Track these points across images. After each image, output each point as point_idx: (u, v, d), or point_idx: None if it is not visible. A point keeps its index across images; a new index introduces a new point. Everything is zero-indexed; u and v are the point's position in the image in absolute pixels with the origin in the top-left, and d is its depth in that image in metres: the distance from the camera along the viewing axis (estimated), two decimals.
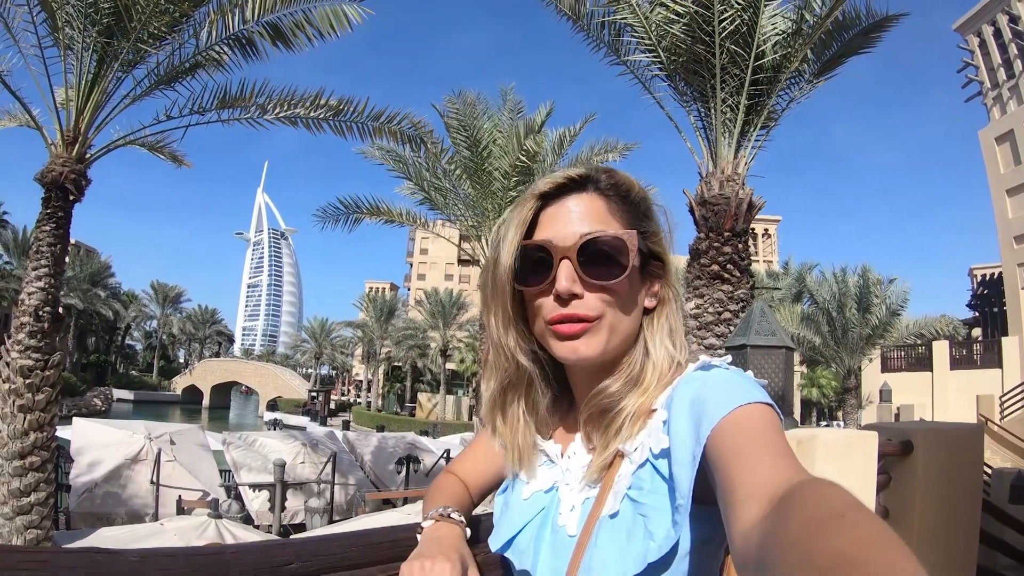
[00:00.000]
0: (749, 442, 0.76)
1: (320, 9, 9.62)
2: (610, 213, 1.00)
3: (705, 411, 0.83)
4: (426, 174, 15.62)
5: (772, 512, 0.62)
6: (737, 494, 0.71)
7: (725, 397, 0.83)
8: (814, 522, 0.53)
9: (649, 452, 0.92)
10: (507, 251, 1.00)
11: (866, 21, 9.77)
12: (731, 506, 0.71)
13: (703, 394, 0.86)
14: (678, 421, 0.87)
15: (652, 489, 0.90)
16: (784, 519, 0.58)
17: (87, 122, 9.30)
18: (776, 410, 0.83)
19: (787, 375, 6.37)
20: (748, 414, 0.80)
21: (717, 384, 0.87)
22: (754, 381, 0.87)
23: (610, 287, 0.97)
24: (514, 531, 1.06)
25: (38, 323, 8.90)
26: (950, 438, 3.43)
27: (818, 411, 52.59)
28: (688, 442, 0.84)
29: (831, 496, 0.58)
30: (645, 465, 0.92)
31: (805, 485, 0.63)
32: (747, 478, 0.71)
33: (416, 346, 66.30)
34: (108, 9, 8.71)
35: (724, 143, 9.18)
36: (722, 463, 0.76)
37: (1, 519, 8.69)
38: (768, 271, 56.20)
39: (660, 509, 0.87)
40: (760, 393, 0.83)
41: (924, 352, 28.68)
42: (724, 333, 8.20)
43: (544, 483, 1.07)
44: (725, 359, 0.94)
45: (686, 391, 0.90)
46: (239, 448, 16.98)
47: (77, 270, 62.71)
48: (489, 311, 1.06)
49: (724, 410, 0.81)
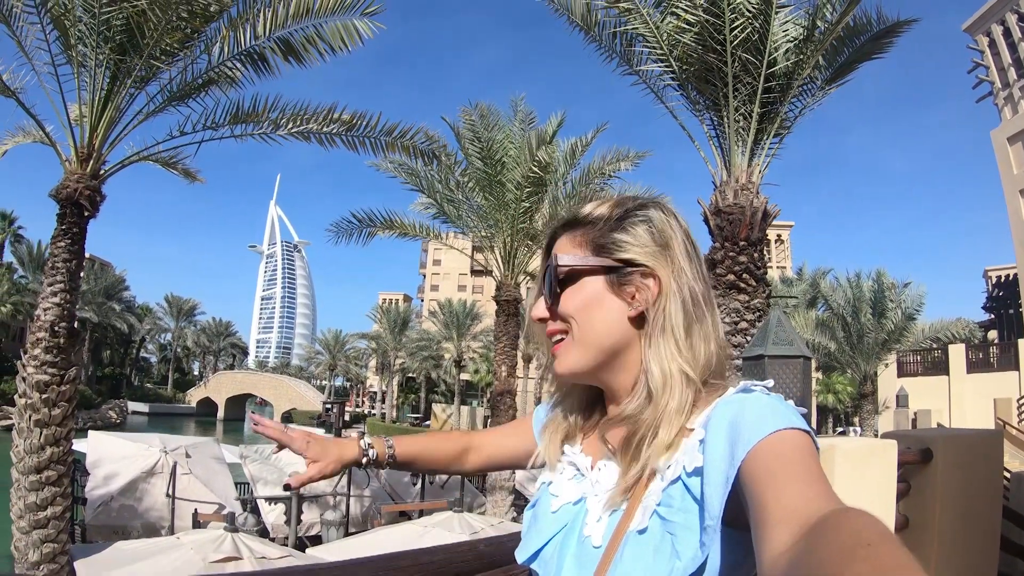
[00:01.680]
0: (784, 467, 0.76)
1: (331, 24, 9.65)
2: (572, 244, 1.07)
3: (741, 433, 0.83)
4: (439, 186, 15.66)
5: (802, 539, 0.62)
6: (768, 518, 0.70)
7: (762, 421, 0.83)
8: (841, 550, 0.54)
9: (682, 470, 0.91)
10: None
11: (877, 27, 9.73)
12: (762, 530, 0.70)
13: (741, 416, 0.86)
14: (714, 442, 0.87)
15: (682, 507, 0.89)
16: (813, 546, 0.59)
17: (101, 138, 9.35)
18: (813, 437, 0.83)
19: (805, 384, 6.31)
20: (784, 439, 0.80)
21: (755, 408, 0.87)
22: (793, 407, 0.87)
23: (564, 304, 1.05)
24: (541, 543, 1.06)
25: (54, 338, 8.94)
26: (969, 445, 3.40)
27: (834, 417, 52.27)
28: (722, 463, 0.83)
29: (861, 525, 0.58)
30: (677, 482, 0.92)
31: (837, 514, 0.63)
32: (779, 503, 0.71)
33: (430, 357, 66.37)
34: (120, 26, 8.77)
35: (738, 152, 9.15)
36: (755, 486, 0.76)
37: (18, 533, 8.74)
38: (782, 277, 55.99)
39: (689, 528, 0.87)
40: (798, 419, 0.83)
41: (940, 356, 28.46)
42: (741, 343, 8.14)
43: (573, 495, 1.07)
44: (767, 383, 0.94)
45: (724, 412, 0.89)
46: (256, 461, 16.98)
47: (92, 284, 63.19)
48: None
49: (760, 434, 0.81)
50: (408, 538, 9.87)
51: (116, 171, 9.85)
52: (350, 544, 10.60)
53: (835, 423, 52.49)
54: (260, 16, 9.49)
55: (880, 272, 27.82)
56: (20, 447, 8.78)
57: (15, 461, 8.83)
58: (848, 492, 2.43)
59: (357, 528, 15.28)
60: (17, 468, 8.78)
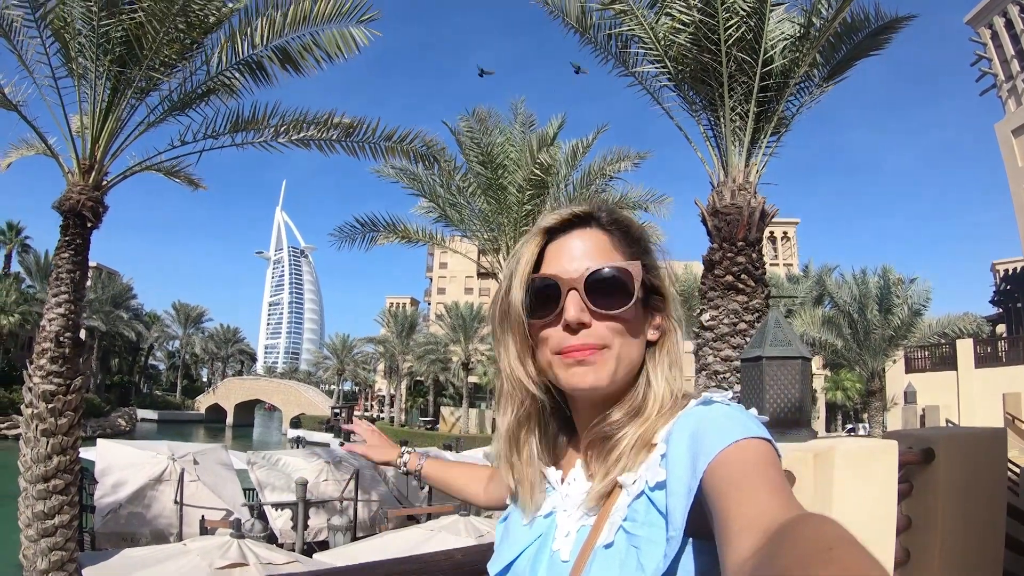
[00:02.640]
0: (745, 476, 0.77)
1: (327, 32, 9.68)
2: (612, 247, 1.04)
3: (703, 445, 0.83)
4: (440, 191, 15.63)
5: (764, 546, 0.63)
6: (731, 527, 0.72)
7: (723, 431, 0.83)
8: (803, 556, 0.55)
9: (645, 484, 0.93)
10: (517, 285, 1.04)
11: (875, 23, 9.65)
12: (725, 539, 0.72)
13: (702, 428, 0.87)
14: (676, 454, 0.88)
15: (646, 521, 0.90)
16: (775, 553, 0.60)
17: (103, 149, 9.42)
18: (774, 445, 0.84)
19: (804, 386, 6.28)
20: (745, 448, 0.81)
21: (716, 419, 0.87)
22: (754, 417, 0.88)
23: (617, 316, 1.00)
24: (513, 555, 1.07)
25: (59, 348, 9.01)
26: (972, 444, 3.37)
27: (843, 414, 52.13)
28: (684, 475, 0.84)
29: (822, 530, 0.59)
30: (640, 497, 0.93)
31: (798, 520, 0.64)
32: (741, 512, 0.72)
33: (438, 360, 66.29)
34: (120, 38, 8.84)
35: (735, 152, 9.13)
36: (718, 496, 0.77)
37: (26, 541, 8.80)
38: (788, 274, 55.78)
39: (653, 541, 0.87)
40: (759, 428, 0.84)
41: (948, 351, 28.27)
42: (740, 344, 8.12)
43: (543, 509, 1.08)
44: (726, 395, 0.95)
45: (685, 425, 0.91)
46: (263, 467, 17.04)
47: (99, 293, 63.44)
48: (501, 343, 1.09)
49: (721, 444, 0.81)
50: (415, 542, 9.91)
51: (118, 181, 9.93)
52: (357, 549, 10.64)
53: (844, 420, 52.34)
54: (258, 26, 9.55)
55: (886, 268, 27.67)
56: (27, 456, 8.85)
57: (23, 470, 8.90)
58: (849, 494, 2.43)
59: (364, 533, 15.31)
60: (25, 477, 8.86)
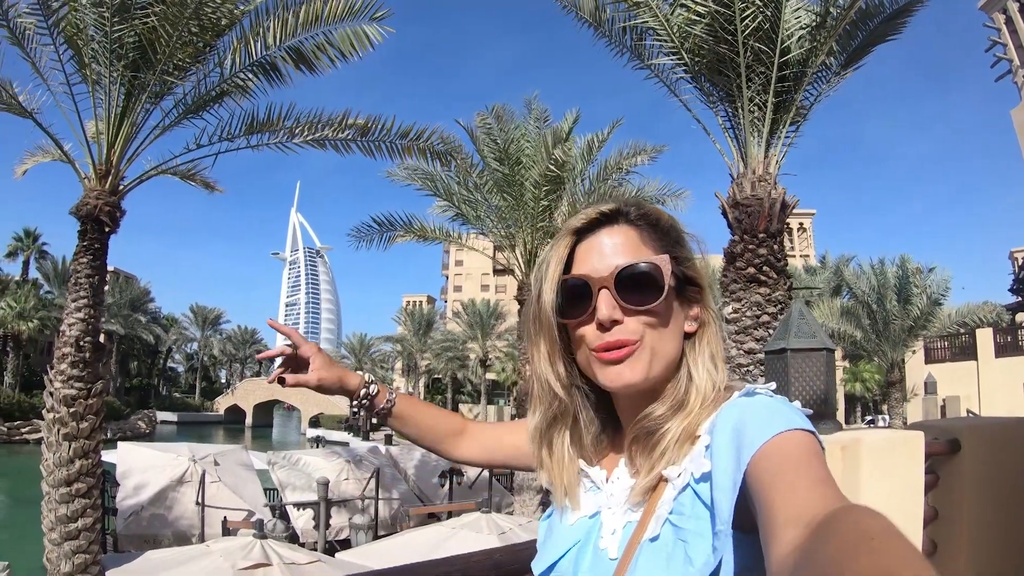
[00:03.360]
0: (788, 469, 0.76)
1: (341, 31, 9.69)
2: (642, 242, 1.03)
3: (746, 437, 0.83)
4: (456, 188, 15.64)
5: (809, 537, 0.63)
6: (776, 519, 0.70)
7: (767, 423, 0.83)
8: (845, 545, 0.55)
9: (691, 477, 0.92)
10: (548, 287, 1.04)
11: (890, 7, 9.59)
12: (770, 532, 0.70)
13: (745, 420, 0.86)
14: (720, 447, 0.87)
15: (693, 514, 0.89)
16: (818, 544, 0.59)
17: (118, 154, 9.45)
18: (818, 437, 0.83)
19: (829, 377, 6.23)
20: (789, 440, 0.80)
21: (759, 410, 0.87)
22: (797, 409, 0.87)
23: (649, 310, 0.99)
24: (557, 555, 1.06)
25: (79, 353, 9.05)
26: (998, 434, 3.36)
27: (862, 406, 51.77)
28: (729, 468, 0.83)
29: (865, 521, 0.58)
30: (686, 490, 0.92)
31: (841, 511, 0.63)
32: (786, 504, 0.71)
33: (455, 358, 66.47)
34: (133, 43, 8.86)
35: (754, 143, 9.06)
36: (762, 489, 0.76)
37: (49, 544, 8.86)
38: (805, 266, 55.55)
39: (700, 534, 0.86)
40: (802, 420, 0.83)
41: (968, 341, 28.09)
42: (763, 337, 8.07)
43: (588, 509, 1.07)
44: (769, 386, 0.95)
45: (728, 417, 0.90)
46: (284, 468, 17.12)
47: (117, 297, 63.92)
48: (533, 346, 1.09)
49: (765, 436, 0.81)
50: (436, 540, 9.88)
51: (135, 186, 9.97)
52: (379, 547, 10.64)
53: (863, 412, 51.99)
54: (270, 27, 9.56)
55: (904, 258, 27.50)
56: (50, 460, 8.90)
57: (45, 474, 8.95)
58: (875, 485, 2.42)
59: (386, 531, 15.36)
60: (47, 481, 8.91)
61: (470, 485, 18.43)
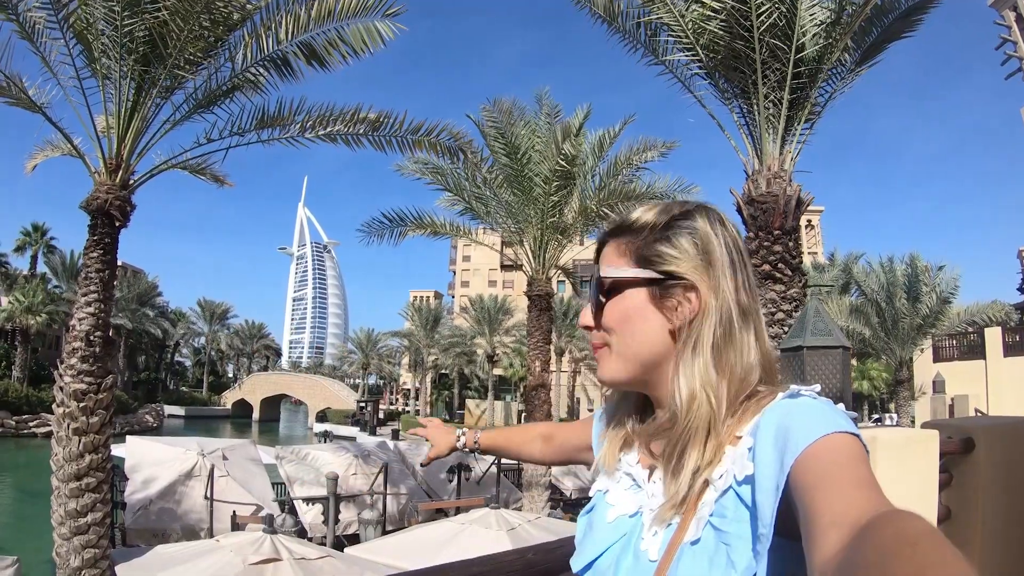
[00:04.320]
0: (832, 472, 0.75)
1: (353, 27, 9.65)
2: (617, 253, 1.07)
3: (790, 439, 0.81)
4: (466, 184, 15.62)
5: (851, 540, 0.63)
6: (819, 523, 0.70)
7: (811, 426, 0.81)
8: (887, 550, 0.54)
9: (733, 479, 0.91)
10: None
11: (905, 4, 9.55)
12: (812, 536, 0.69)
13: (788, 422, 0.85)
14: (763, 449, 0.86)
15: (735, 517, 0.88)
16: (859, 546, 0.60)
17: (129, 149, 9.43)
18: (862, 441, 0.81)
19: (844, 375, 6.21)
20: (833, 444, 0.79)
21: (803, 413, 0.85)
22: (842, 411, 0.85)
23: (606, 315, 1.05)
24: (597, 553, 1.05)
25: (89, 347, 9.05)
26: (1012, 434, 3.37)
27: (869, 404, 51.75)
28: (772, 470, 0.82)
29: (908, 525, 0.58)
30: (728, 492, 0.91)
31: (884, 516, 0.63)
32: (829, 508, 0.70)
33: (463, 353, 66.59)
34: (143, 37, 8.84)
35: (769, 139, 9.01)
36: (805, 492, 0.75)
37: (59, 539, 8.87)
38: (814, 263, 55.36)
39: (742, 538, 0.86)
40: (847, 423, 0.82)
41: (976, 340, 27.90)
42: (779, 334, 8.02)
43: (630, 507, 1.06)
44: (814, 388, 0.92)
45: (772, 419, 0.88)
46: (292, 463, 17.14)
47: (125, 291, 64.12)
48: None
49: (809, 439, 0.79)
50: (445, 536, 9.87)
51: (145, 180, 9.95)
52: (388, 543, 10.62)
53: (871, 410, 51.97)
54: (282, 21, 9.53)
55: (913, 256, 27.40)
56: (59, 455, 8.90)
57: (55, 469, 8.96)
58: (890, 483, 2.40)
59: (394, 526, 15.36)
60: (57, 476, 8.91)
61: (478, 481, 18.43)
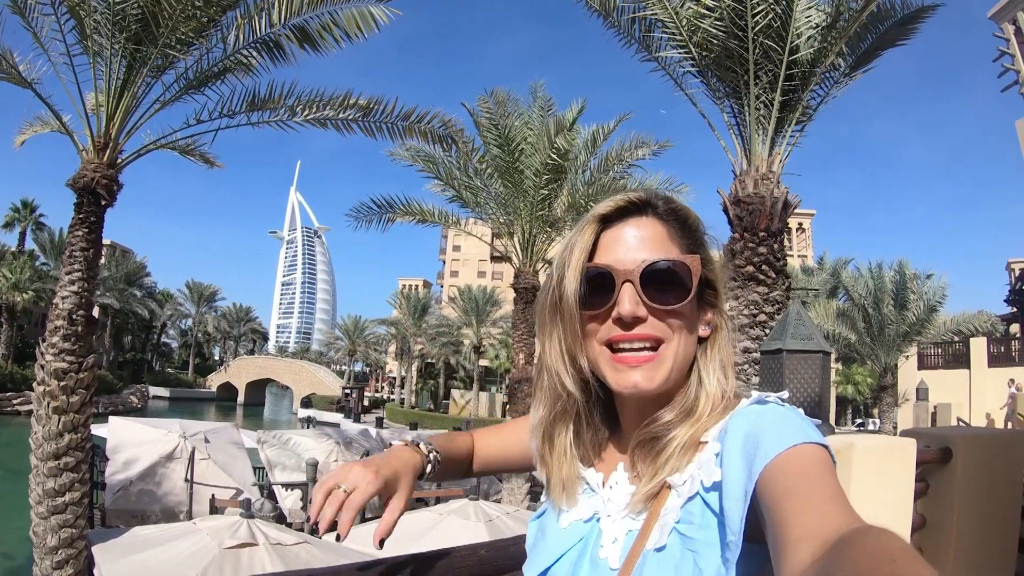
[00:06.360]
0: (802, 483, 0.74)
1: (346, 11, 9.60)
2: (669, 238, 1.00)
3: (759, 447, 0.81)
4: (457, 173, 15.56)
5: (824, 557, 0.61)
6: (789, 535, 0.69)
7: (780, 434, 0.81)
8: (864, 567, 0.54)
9: (700, 485, 0.90)
10: (572, 275, 0.98)
11: (901, 12, 9.60)
12: (781, 547, 0.69)
13: (757, 429, 0.84)
14: (731, 455, 0.85)
15: (702, 524, 0.87)
16: (835, 563, 0.58)
17: (117, 127, 9.38)
18: (831, 451, 0.81)
19: (824, 380, 6.23)
20: (802, 454, 0.78)
21: (772, 421, 0.85)
22: (809, 420, 0.85)
23: (674, 311, 0.96)
24: (551, 560, 1.02)
25: (72, 326, 8.99)
26: (991, 445, 3.38)
27: (853, 409, 52.08)
28: (740, 477, 0.82)
29: (884, 543, 0.57)
30: (695, 498, 0.90)
31: (860, 532, 0.62)
32: (800, 520, 0.70)
33: (450, 343, 66.50)
34: (136, 16, 8.78)
35: (758, 140, 9.03)
36: (774, 501, 0.75)
37: (36, 518, 8.83)
38: (803, 266, 55.63)
39: (710, 544, 0.85)
40: (815, 433, 0.82)
41: (961, 349, 28.09)
42: (759, 336, 8.06)
43: (584, 512, 1.04)
44: (781, 394, 0.92)
45: (740, 425, 0.87)
46: (273, 447, 17.12)
47: (113, 270, 63.90)
48: (546, 335, 1.04)
49: (778, 448, 0.79)
50: (423, 526, 9.91)
51: (133, 160, 9.89)
52: (366, 530, 10.54)
53: (854, 415, 52.32)
54: (275, 3, 9.47)
55: (902, 263, 27.49)
56: (39, 433, 8.86)
57: (34, 447, 8.91)
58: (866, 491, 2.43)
59: (373, 514, 15.08)
60: (36, 454, 8.87)
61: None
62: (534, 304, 1.09)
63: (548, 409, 1.07)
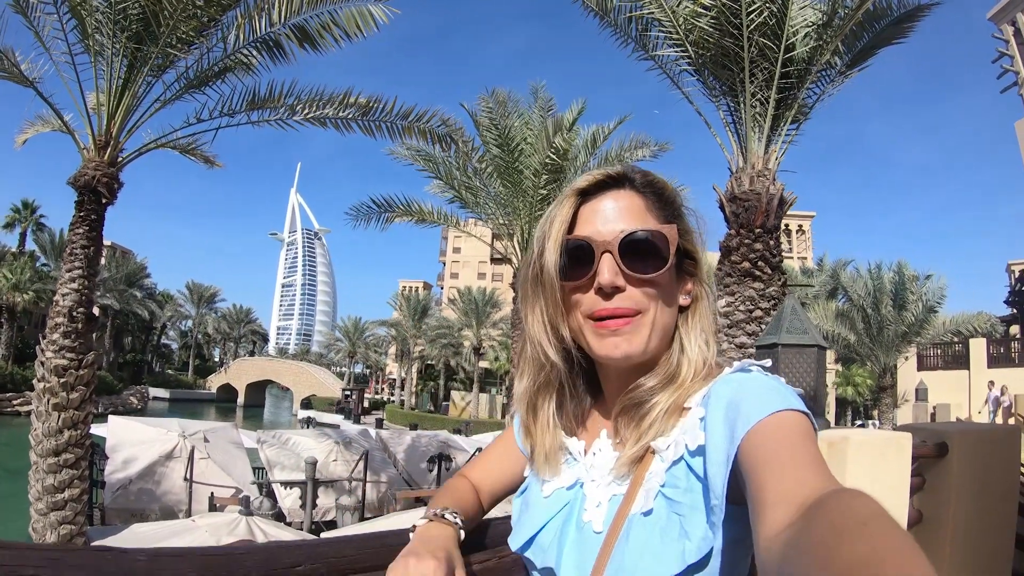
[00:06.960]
0: (782, 448, 0.76)
1: (346, 10, 9.65)
2: (646, 210, 1.02)
3: (740, 413, 0.83)
4: (456, 173, 15.52)
5: (798, 519, 0.63)
6: (766, 499, 0.71)
7: (762, 401, 0.83)
8: (837, 529, 0.54)
9: (684, 449, 0.92)
10: (552, 246, 1.01)
11: (897, 11, 9.61)
12: (759, 510, 0.71)
13: (740, 396, 0.86)
14: (714, 420, 0.87)
15: (687, 488, 0.89)
16: (808, 525, 0.59)
17: (118, 126, 9.43)
18: (811, 419, 0.83)
19: (819, 374, 6.25)
20: (783, 420, 0.80)
21: (755, 388, 0.87)
22: (791, 389, 0.87)
23: (652, 279, 0.98)
24: (535, 529, 1.04)
25: (72, 323, 9.04)
26: (986, 440, 3.34)
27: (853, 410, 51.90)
28: (723, 442, 0.84)
29: (857, 505, 0.58)
30: (680, 463, 0.92)
31: (833, 494, 0.63)
32: (777, 484, 0.71)
33: (450, 344, 66.27)
34: (137, 15, 8.83)
35: (754, 138, 9.05)
36: (753, 466, 0.76)
37: (35, 514, 8.87)
38: (802, 268, 55.49)
39: (696, 508, 0.87)
40: (796, 401, 0.84)
41: (961, 350, 28.02)
42: (755, 332, 8.09)
43: (566, 480, 1.06)
44: (764, 363, 0.95)
45: (723, 391, 0.89)
46: (273, 446, 17.11)
47: (113, 271, 63.68)
48: (529, 307, 1.07)
49: (760, 414, 0.81)
50: None
51: (134, 158, 9.94)
52: (364, 529, 10.64)
53: (854, 416, 52.11)
54: (275, 3, 9.51)
55: (901, 264, 27.44)
56: (39, 430, 8.89)
57: (34, 444, 8.95)
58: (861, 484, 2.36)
59: (372, 513, 15.36)
60: (35, 451, 8.91)
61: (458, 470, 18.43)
62: (517, 277, 1.11)
63: (532, 379, 1.10)
